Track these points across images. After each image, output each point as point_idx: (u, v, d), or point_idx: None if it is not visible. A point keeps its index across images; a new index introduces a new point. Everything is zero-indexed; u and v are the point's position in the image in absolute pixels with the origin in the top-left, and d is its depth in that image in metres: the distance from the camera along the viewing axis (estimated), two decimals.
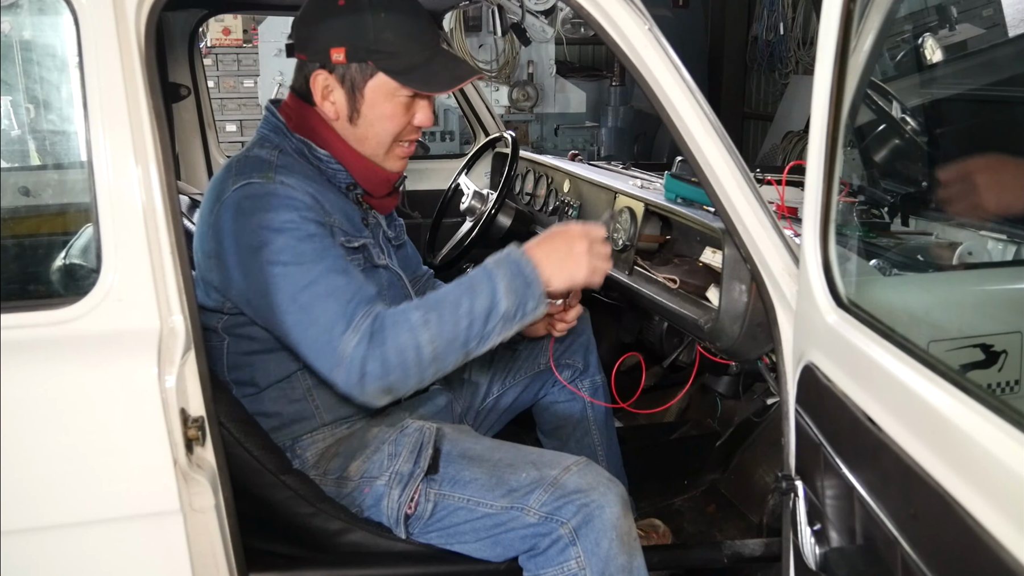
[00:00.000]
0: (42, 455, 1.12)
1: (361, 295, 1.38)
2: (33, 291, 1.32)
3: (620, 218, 1.93)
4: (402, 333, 1.33)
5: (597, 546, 1.38)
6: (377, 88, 1.49)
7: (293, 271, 1.37)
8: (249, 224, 1.39)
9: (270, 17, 5.83)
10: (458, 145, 5.85)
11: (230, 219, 1.41)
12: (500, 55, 6.15)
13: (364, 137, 1.54)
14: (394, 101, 1.50)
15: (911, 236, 1.65)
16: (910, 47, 1.91)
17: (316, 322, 1.35)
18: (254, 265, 1.38)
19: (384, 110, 1.51)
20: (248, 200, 1.40)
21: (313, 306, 1.35)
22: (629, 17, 1.30)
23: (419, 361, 1.34)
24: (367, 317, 1.34)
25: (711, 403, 2.44)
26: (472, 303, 1.36)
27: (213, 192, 1.47)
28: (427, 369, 1.36)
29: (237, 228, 1.40)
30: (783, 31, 6.50)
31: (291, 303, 1.36)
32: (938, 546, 0.85)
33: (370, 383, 1.33)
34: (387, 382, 1.34)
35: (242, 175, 1.44)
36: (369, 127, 1.52)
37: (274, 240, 1.38)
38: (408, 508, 1.45)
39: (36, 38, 1.31)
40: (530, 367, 1.95)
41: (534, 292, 1.39)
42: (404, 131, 1.54)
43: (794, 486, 1.22)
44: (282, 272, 1.37)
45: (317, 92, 1.50)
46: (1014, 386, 1.16)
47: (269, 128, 1.56)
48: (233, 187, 1.42)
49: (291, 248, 1.38)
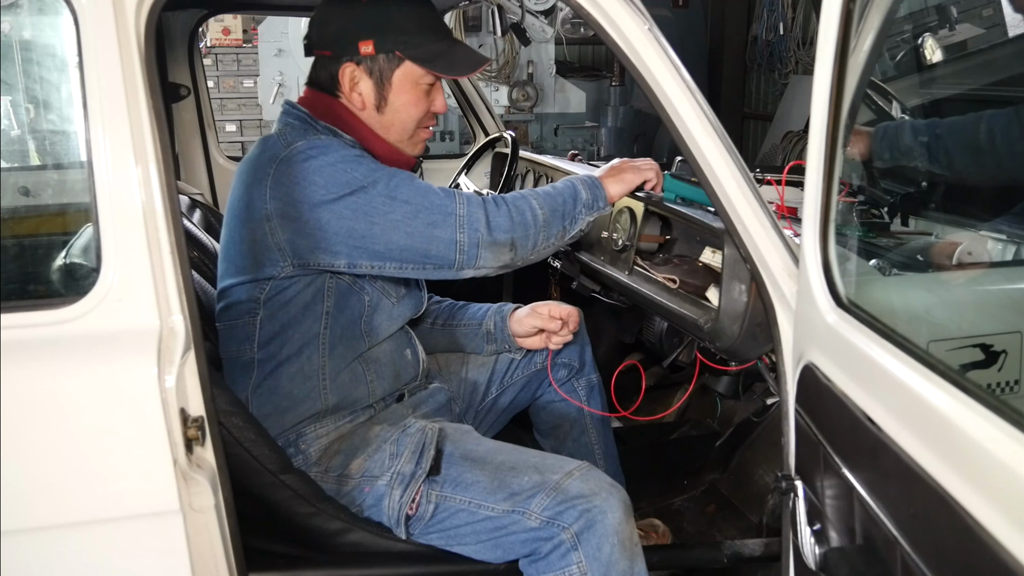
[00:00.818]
0: (42, 455, 1.12)
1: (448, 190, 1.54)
2: (33, 291, 1.32)
3: (620, 218, 1.93)
4: (515, 197, 1.55)
5: (599, 551, 1.38)
6: (403, 76, 1.60)
7: (383, 177, 1.49)
8: (325, 162, 1.48)
9: (270, 17, 5.83)
10: (458, 145, 5.85)
11: (300, 167, 1.48)
12: (500, 55, 6.14)
13: (391, 124, 1.63)
14: (417, 88, 1.61)
15: (911, 236, 1.66)
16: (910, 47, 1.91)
17: (423, 208, 1.49)
18: (342, 192, 1.47)
19: (409, 97, 1.61)
20: (314, 149, 1.50)
21: (414, 196, 1.49)
22: (629, 17, 1.30)
23: (535, 220, 1.54)
24: (483, 193, 1.54)
25: (711, 403, 2.44)
26: (562, 189, 1.61)
27: (260, 161, 1.53)
28: (539, 233, 1.55)
29: (313, 169, 1.48)
30: (783, 31, 6.49)
31: (393, 202, 1.48)
32: (938, 546, 0.85)
33: (499, 232, 1.51)
34: (512, 235, 1.52)
35: (293, 140, 1.52)
36: (395, 114, 1.62)
37: (354, 166, 1.49)
38: (409, 509, 1.45)
39: (36, 38, 1.31)
40: (527, 366, 1.96)
41: (600, 193, 1.64)
42: (425, 117, 1.65)
43: (794, 486, 1.22)
44: (373, 183, 1.48)
45: (345, 84, 1.60)
46: (1014, 386, 1.16)
47: (293, 118, 1.61)
48: (289, 147, 1.50)
49: (373, 168, 1.51)
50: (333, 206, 1.46)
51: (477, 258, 1.50)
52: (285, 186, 1.48)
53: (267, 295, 1.56)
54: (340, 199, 1.46)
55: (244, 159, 1.59)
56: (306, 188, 1.47)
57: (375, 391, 1.64)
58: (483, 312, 1.95)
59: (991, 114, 1.60)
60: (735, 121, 7.20)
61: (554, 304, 1.89)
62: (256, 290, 1.56)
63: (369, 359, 1.63)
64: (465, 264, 1.51)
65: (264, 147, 1.56)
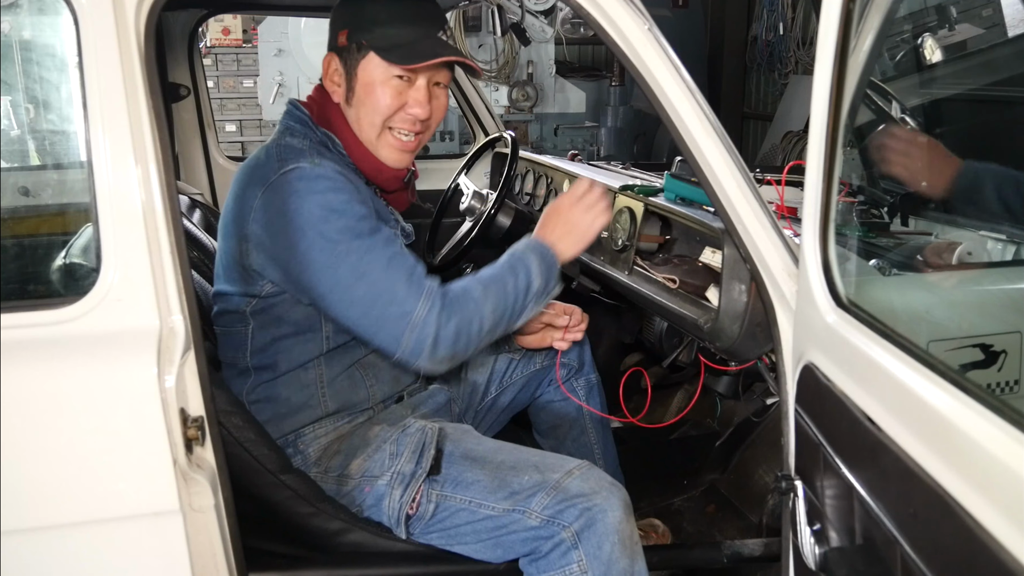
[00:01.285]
0: (42, 455, 1.12)
1: (420, 268, 1.47)
2: (33, 291, 1.32)
3: (620, 218, 1.93)
4: (469, 304, 1.45)
5: (599, 550, 1.38)
6: (368, 68, 1.55)
7: (357, 247, 1.43)
8: (306, 205, 1.43)
9: (269, 17, 5.83)
10: (458, 145, 5.85)
11: (283, 200, 1.44)
12: (500, 55, 6.14)
13: (358, 118, 1.58)
14: (385, 83, 1.55)
15: (911, 236, 1.65)
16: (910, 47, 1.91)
17: (383, 294, 1.42)
18: (313, 244, 1.43)
19: (374, 90, 1.55)
20: (302, 182, 1.45)
21: (380, 280, 1.42)
22: (629, 17, 1.30)
23: (480, 330, 1.46)
24: (435, 288, 1.44)
25: (711, 403, 2.44)
26: (515, 281, 1.50)
27: (254, 177, 1.51)
28: (484, 338, 1.48)
29: (293, 208, 1.43)
30: (783, 31, 6.49)
31: (358, 278, 1.42)
32: (937, 546, 0.85)
33: (442, 349, 1.43)
34: (456, 348, 1.45)
35: (287, 161, 1.48)
36: (361, 106, 1.57)
37: (334, 219, 1.43)
38: (409, 509, 1.45)
39: (36, 38, 1.31)
40: (527, 366, 1.96)
41: (555, 273, 1.56)
42: (395, 117, 1.57)
43: (793, 486, 1.22)
44: (346, 249, 1.42)
45: (327, 75, 1.60)
46: (1013, 386, 1.16)
47: (294, 120, 1.60)
48: (281, 171, 1.47)
49: (351, 227, 1.44)
50: (305, 256, 1.43)
51: (415, 360, 1.44)
52: (268, 214, 1.46)
53: (253, 308, 1.55)
54: (311, 250, 1.43)
55: (242, 166, 1.57)
56: (286, 225, 1.44)
57: (375, 395, 1.64)
58: None
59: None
60: (735, 121, 7.19)
61: (558, 303, 1.89)
62: (244, 303, 1.56)
63: (367, 364, 1.63)
64: (403, 361, 1.45)
65: (259, 161, 1.53)
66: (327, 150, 1.57)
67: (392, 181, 1.65)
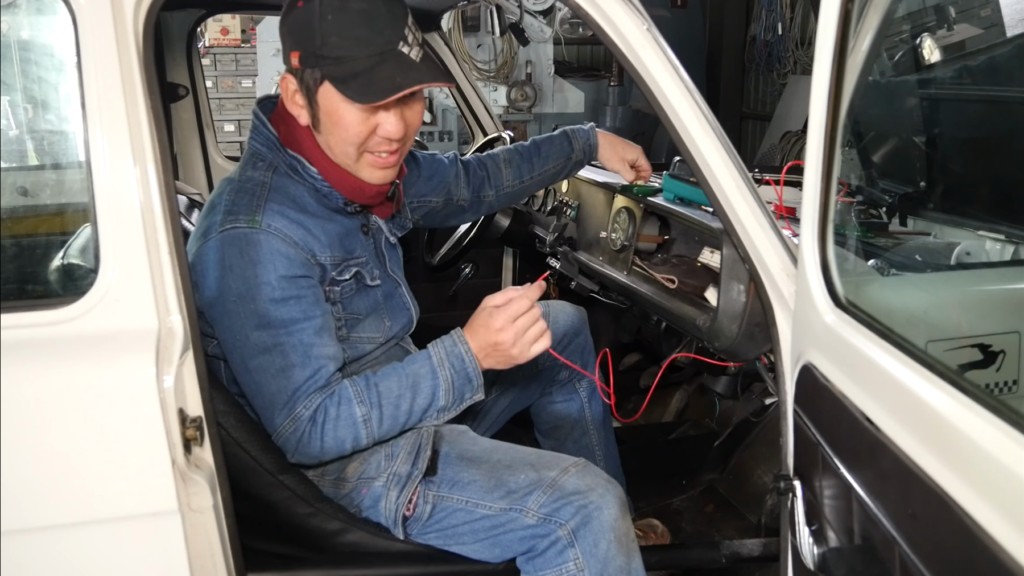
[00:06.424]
0: (40, 455, 1.12)
1: (313, 381, 1.42)
2: (31, 291, 1.32)
3: (619, 218, 1.93)
4: (342, 427, 1.43)
5: (595, 547, 1.38)
6: (327, 96, 1.40)
7: (255, 340, 1.40)
8: (226, 277, 1.39)
9: (268, 17, 5.80)
10: (456, 145, 5.84)
11: (210, 264, 1.41)
12: (498, 55, 6.13)
13: (329, 146, 1.47)
14: (351, 111, 1.40)
15: (909, 236, 1.66)
16: (908, 47, 1.91)
17: (262, 393, 1.43)
18: (224, 316, 1.42)
19: (339, 119, 1.42)
20: (231, 248, 1.39)
21: (263, 381, 1.42)
22: (627, 17, 1.30)
23: (356, 447, 1.46)
24: (307, 409, 1.41)
25: (709, 403, 2.44)
26: (413, 402, 1.46)
27: (204, 222, 1.46)
28: (363, 448, 1.48)
29: (217, 275, 1.40)
30: (781, 31, 6.49)
31: (244, 369, 1.43)
32: (936, 546, 0.85)
33: (303, 458, 1.45)
34: (320, 459, 1.47)
35: (231, 213, 1.42)
36: (330, 135, 1.45)
37: (246, 302, 1.39)
38: (406, 510, 1.45)
39: (34, 38, 1.30)
40: (528, 367, 1.95)
41: (473, 385, 1.48)
42: (369, 142, 1.45)
43: (792, 486, 1.22)
44: (244, 338, 1.41)
45: (287, 97, 1.46)
46: (1012, 386, 1.17)
47: (261, 142, 1.51)
48: (219, 230, 1.41)
49: (261, 314, 1.39)
50: (220, 315, 1.42)
51: (286, 449, 1.44)
52: (202, 269, 1.42)
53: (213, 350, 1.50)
54: (224, 316, 1.41)
55: (215, 191, 1.51)
56: (208, 284, 1.41)
57: None
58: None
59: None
60: (733, 121, 7.20)
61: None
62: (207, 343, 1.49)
63: (364, 366, 1.61)
64: (280, 447, 1.45)
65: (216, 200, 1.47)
66: (296, 175, 1.49)
67: (374, 197, 1.56)
